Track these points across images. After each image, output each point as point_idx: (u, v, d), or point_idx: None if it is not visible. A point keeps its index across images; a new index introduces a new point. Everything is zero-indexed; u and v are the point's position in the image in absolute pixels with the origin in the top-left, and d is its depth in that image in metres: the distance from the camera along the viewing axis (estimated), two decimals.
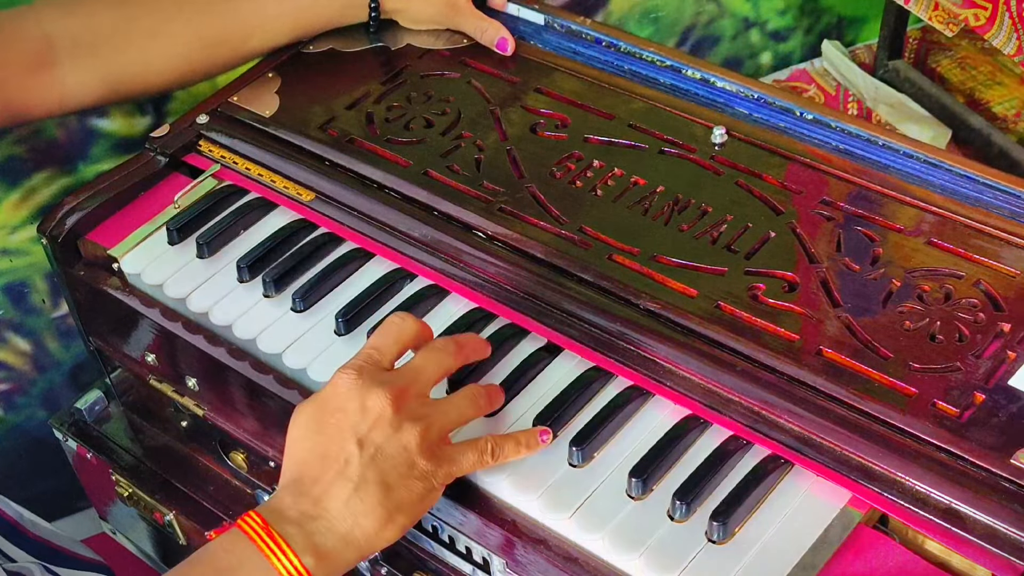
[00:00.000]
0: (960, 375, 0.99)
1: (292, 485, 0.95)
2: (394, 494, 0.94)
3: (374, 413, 0.94)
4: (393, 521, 0.94)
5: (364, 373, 0.96)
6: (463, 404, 0.99)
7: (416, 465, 0.94)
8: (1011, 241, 1.10)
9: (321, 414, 0.96)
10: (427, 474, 0.95)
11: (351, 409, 0.94)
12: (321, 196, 1.24)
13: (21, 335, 1.71)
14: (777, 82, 2.08)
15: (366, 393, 0.94)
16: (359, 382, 0.95)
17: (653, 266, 1.11)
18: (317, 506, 0.93)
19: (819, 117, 1.24)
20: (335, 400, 0.95)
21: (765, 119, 1.26)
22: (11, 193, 1.61)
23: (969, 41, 2.07)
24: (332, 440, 0.94)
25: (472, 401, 1.00)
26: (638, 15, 1.97)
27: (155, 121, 1.63)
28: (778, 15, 2.10)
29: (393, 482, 0.94)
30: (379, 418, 0.94)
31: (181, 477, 1.33)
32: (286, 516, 0.93)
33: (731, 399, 1.02)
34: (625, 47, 1.36)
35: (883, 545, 0.93)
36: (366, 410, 0.94)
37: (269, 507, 0.94)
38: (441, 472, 0.96)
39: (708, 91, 1.29)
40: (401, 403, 0.95)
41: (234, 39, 1.33)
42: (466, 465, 0.97)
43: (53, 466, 1.52)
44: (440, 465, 0.96)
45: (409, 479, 0.94)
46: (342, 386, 0.95)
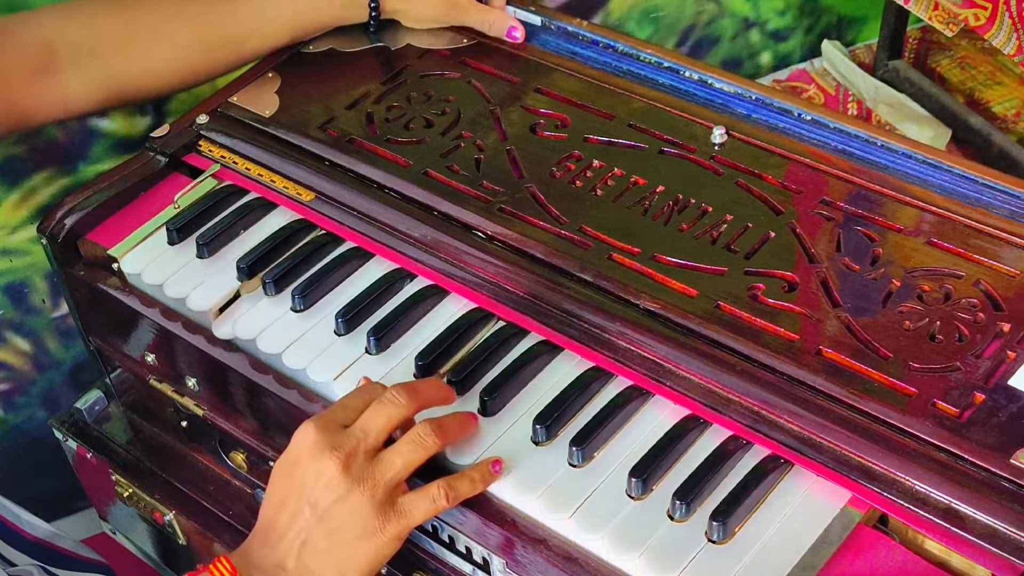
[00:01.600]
0: (960, 375, 0.99)
1: (261, 531, 1.01)
2: (341, 552, 0.98)
3: (324, 477, 0.98)
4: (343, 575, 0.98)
5: (322, 429, 0.99)
6: (407, 451, 0.99)
7: (364, 525, 0.97)
8: (1011, 241, 1.10)
9: (286, 466, 1.00)
10: (376, 531, 0.98)
11: (304, 468, 0.99)
12: (321, 196, 1.24)
13: (21, 335, 1.71)
14: (777, 82, 2.08)
15: (318, 456, 0.98)
16: (317, 439, 0.98)
17: (653, 266, 1.11)
18: (275, 556, 0.99)
19: (818, 118, 1.24)
20: (297, 453, 0.99)
21: (764, 119, 1.26)
22: (11, 193, 1.61)
23: (969, 41, 2.07)
24: (291, 496, 0.99)
25: (417, 444, 0.99)
26: (638, 15, 1.97)
27: (155, 121, 1.63)
28: (778, 15, 2.10)
29: (341, 541, 0.98)
30: (328, 482, 0.97)
31: (181, 477, 1.33)
32: (252, 561, 0.99)
33: (731, 399, 1.02)
34: (622, 48, 1.36)
35: (883, 545, 0.93)
36: (317, 474, 0.98)
37: (240, 553, 1.00)
38: (391, 528, 0.98)
39: (707, 92, 1.29)
40: (349, 466, 0.97)
41: (234, 41, 1.33)
42: (418, 516, 0.99)
43: (53, 466, 1.52)
44: (389, 521, 0.98)
45: (358, 539, 0.98)
46: (303, 441, 0.99)
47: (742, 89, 1.28)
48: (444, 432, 1.00)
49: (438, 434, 1.00)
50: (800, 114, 1.25)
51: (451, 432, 1.01)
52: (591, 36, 1.38)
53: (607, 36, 1.37)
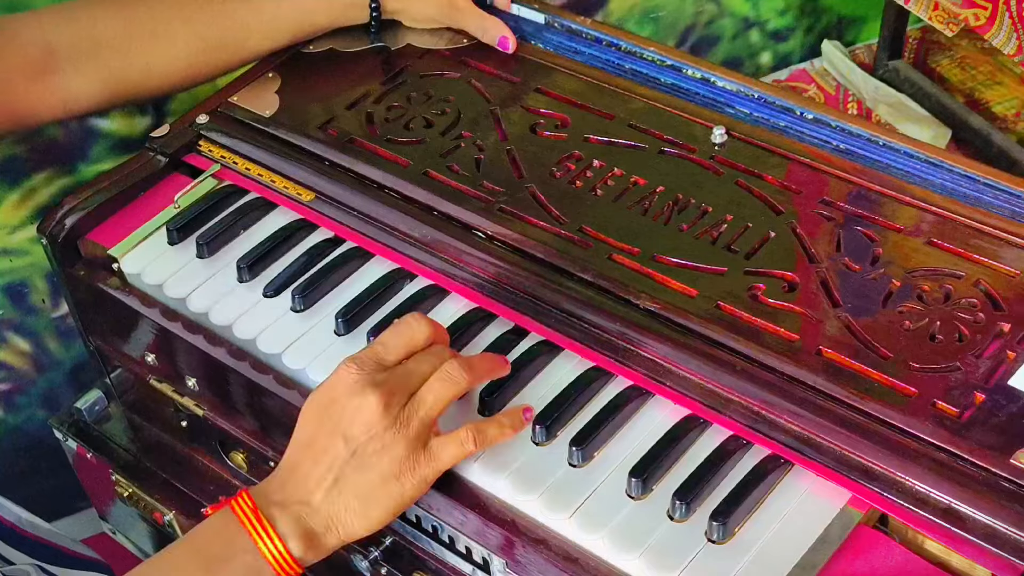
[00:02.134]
0: (960, 375, 0.99)
1: (286, 469, 1.00)
2: (371, 491, 0.98)
3: (363, 413, 0.97)
4: (368, 516, 0.98)
5: (365, 368, 0.99)
6: (437, 387, 0.99)
7: (396, 466, 0.98)
8: (1011, 241, 1.10)
9: (321, 404, 1.00)
10: (406, 472, 0.98)
11: (343, 405, 0.98)
12: (321, 196, 1.24)
13: (21, 335, 1.71)
14: (777, 82, 2.08)
15: (359, 392, 0.98)
16: (357, 378, 0.98)
17: (653, 266, 1.11)
18: (302, 492, 0.98)
19: (819, 117, 1.24)
20: (333, 391, 0.99)
21: (765, 119, 1.26)
22: (11, 193, 1.61)
23: (969, 41, 2.07)
24: (323, 432, 0.99)
25: (446, 380, 1.00)
26: (638, 15, 1.97)
27: (155, 121, 1.64)
28: (778, 15, 2.10)
29: (371, 480, 0.98)
30: (366, 419, 0.97)
31: (181, 477, 1.33)
32: (274, 499, 0.99)
33: (731, 399, 1.02)
34: (626, 46, 1.36)
35: (883, 545, 0.93)
36: (356, 408, 0.98)
37: (261, 489, 1.00)
38: (420, 470, 0.98)
39: (708, 90, 1.29)
40: (389, 404, 0.98)
41: (235, 41, 1.34)
42: (447, 459, 0.99)
43: (53, 466, 1.52)
44: (419, 462, 0.98)
45: (388, 479, 0.98)
46: (341, 379, 0.99)
47: (744, 87, 1.28)
48: (473, 370, 1.01)
49: (466, 371, 1.00)
50: (802, 113, 1.25)
51: (480, 371, 1.02)
52: (594, 34, 1.38)
53: (610, 34, 1.37)
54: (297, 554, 0.97)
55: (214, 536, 0.99)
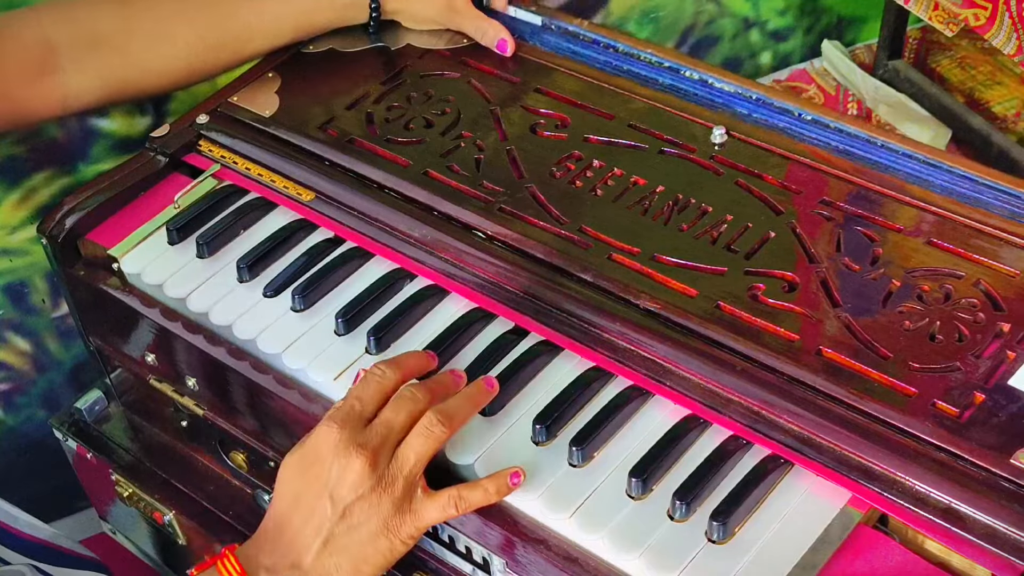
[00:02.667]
0: (960, 375, 0.99)
1: (273, 529, 1.00)
2: (361, 550, 0.99)
3: (350, 475, 0.98)
4: (360, 573, 0.99)
5: (346, 427, 0.99)
6: (417, 444, 0.99)
7: (385, 523, 0.98)
8: (1011, 241, 1.10)
9: (304, 464, 1.00)
10: (394, 531, 0.99)
11: (329, 465, 0.98)
12: (321, 196, 1.24)
13: (21, 335, 1.71)
14: (777, 82, 2.08)
15: (344, 453, 0.98)
16: (339, 437, 0.98)
17: (653, 266, 1.11)
18: (291, 555, 0.99)
19: (818, 118, 1.24)
20: (316, 452, 0.99)
21: (765, 119, 1.26)
22: (11, 193, 1.61)
23: (969, 41, 2.07)
24: (310, 492, 0.99)
25: (426, 436, 0.99)
26: (638, 15, 1.97)
27: (155, 121, 1.63)
28: (778, 15, 2.10)
29: (361, 539, 0.98)
30: (354, 481, 0.98)
31: (181, 477, 1.33)
32: (262, 563, 0.99)
33: (731, 399, 1.02)
34: (623, 48, 1.36)
35: (883, 545, 0.93)
36: (343, 469, 0.98)
37: (247, 552, 1.00)
38: (406, 527, 0.99)
39: (707, 92, 1.29)
40: (376, 463, 0.98)
41: (234, 40, 1.34)
42: (430, 520, 0.99)
43: (53, 466, 1.52)
44: (405, 520, 0.99)
45: (377, 537, 0.98)
46: (324, 439, 0.99)
47: (742, 89, 1.28)
48: (451, 419, 1.00)
49: (445, 423, 1.00)
50: (801, 114, 1.25)
51: (459, 417, 1.01)
52: (591, 36, 1.38)
53: (607, 36, 1.37)
54: None
55: None
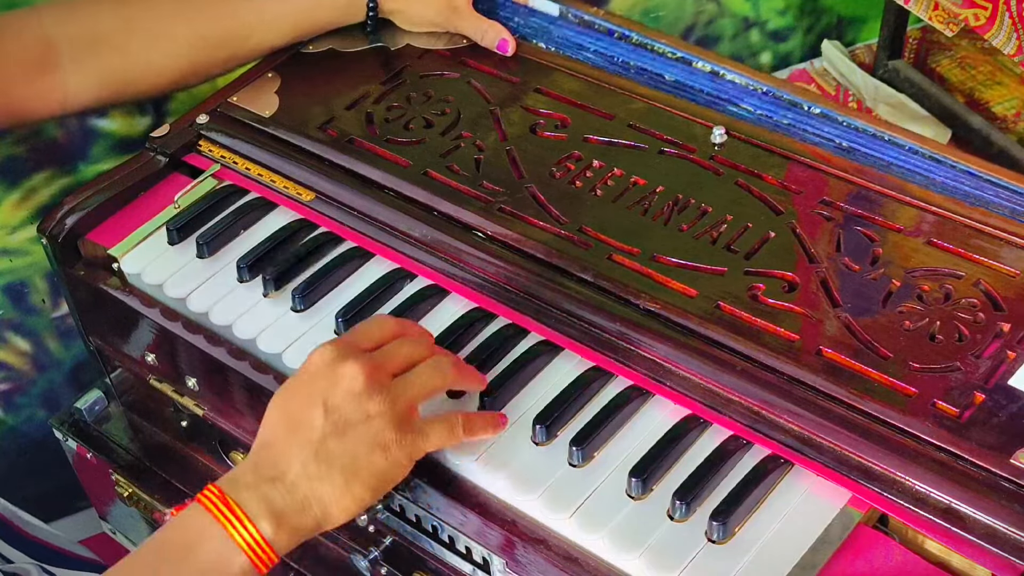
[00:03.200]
0: (960, 375, 0.99)
1: (256, 451, 0.96)
2: (355, 463, 0.93)
3: (344, 381, 0.94)
4: (351, 491, 0.94)
5: (340, 347, 0.97)
6: (426, 374, 0.99)
7: (381, 436, 0.94)
8: (1011, 241, 1.10)
9: (294, 385, 0.97)
10: (392, 445, 0.94)
11: (321, 376, 0.95)
12: (321, 196, 1.24)
13: (21, 335, 1.71)
14: None
15: (339, 363, 0.95)
16: (334, 354, 0.96)
17: (653, 266, 1.11)
18: (275, 468, 0.93)
19: (827, 112, 1.24)
20: (309, 371, 0.96)
21: (769, 115, 1.25)
22: (11, 193, 1.61)
23: (969, 41, 2.07)
24: (299, 405, 0.95)
25: (435, 370, 0.99)
26: (638, 15, 1.97)
27: (155, 121, 1.64)
28: (778, 15, 2.10)
29: (355, 451, 0.93)
30: (348, 387, 0.94)
31: (181, 477, 1.33)
32: (243, 482, 0.93)
33: (731, 399, 1.02)
34: (637, 38, 1.36)
35: (883, 545, 0.93)
36: (337, 377, 0.95)
37: (229, 476, 0.95)
38: (406, 444, 0.95)
39: (714, 86, 1.29)
40: (373, 375, 0.95)
41: (235, 40, 1.33)
42: (434, 438, 0.97)
43: (53, 466, 1.52)
44: (405, 437, 0.95)
45: (372, 450, 0.94)
46: (317, 358, 0.97)
47: (752, 81, 1.28)
48: (459, 369, 1.01)
49: (455, 368, 1.00)
50: (810, 107, 1.25)
51: (464, 373, 1.02)
52: (607, 25, 1.38)
53: (623, 25, 1.37)
54: (269, 535, 0.91)
55: (181, 529, 0.93)
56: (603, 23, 1.38)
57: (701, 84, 1.30)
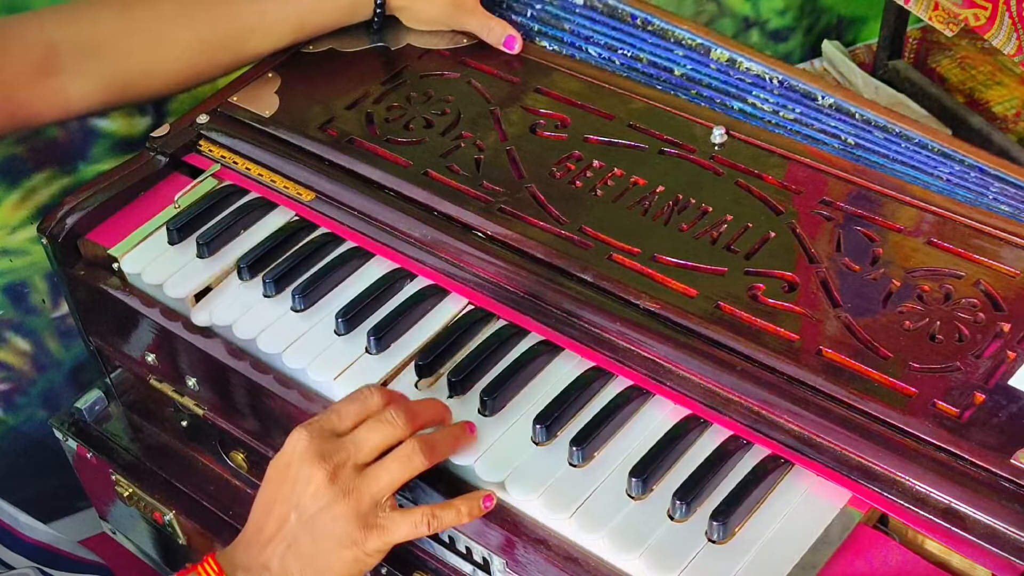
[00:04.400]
0: (960, 375, 0.99)
1: (251, 531, 1.03)
2: (325, 557, 0.99)
3: (311, 486, 0.99)
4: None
5: (315, 437, 1.00)
6: (394, 468, 0.99)
7: (346, 535, 0.98)
8: (1011, 241, 1.10)
9: (278, 470, 1.01)
10: (357, 542, 0.99)
11: (294, 474, 1.00)
12: (321, 196, 1.24)
13: (21, 335, 1.71)
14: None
15: (308, 462, 0.99)
16: (306, 445, 0.99)
17: (653, 266, 1.11)
18: (261, 557, 1.01)
19: (840, 102, 1.24)
20: (286, 458, 1.01)
21: (777, 109, 1.25)
22: (11, 193, 1.61)
23: (969, 41, 2.07)
24: (280, 499, 1.01)
25: (404, 463, 0.99)
26: None
27: (155, 121, 1.63)
28: (778, 15, 2.10)
29: (324, 547, 0.99)
30: (314, 492, 0.99)
31: (181, 477, 1.33)
32: (239, 564, 1.01)
33: (731, 399, 1.02)
34: (658, 24, 1.36)
35: (883, 545, 0.93)
36: (305, 480, 0.99)
37: (227, 554, 1.02)
38: (372, 542, 0.99)
39: (725, 79, 1.29)
40: (336, 476, 0.98)
41: (236, 42, 1.33)
42: (398, 535, 0.99)
43: (53, 466, 1.52)
44: (370, 534, 0.99)
45: (339, 547, 0.99)
46: (292, 446, 1.00)
47: (768, 69, 1.29)
48: (432, 451, 1.00)
49: (426, 454, 1.00)
50: (823, 96, 1.25)
51: (441, 451, 1.01)
52: (630, 10, 1.38)
53: (647, 11, 1.37)
54: None
55: None
56: (627, 8, 1.38)
57: (711, 77, 1.30)
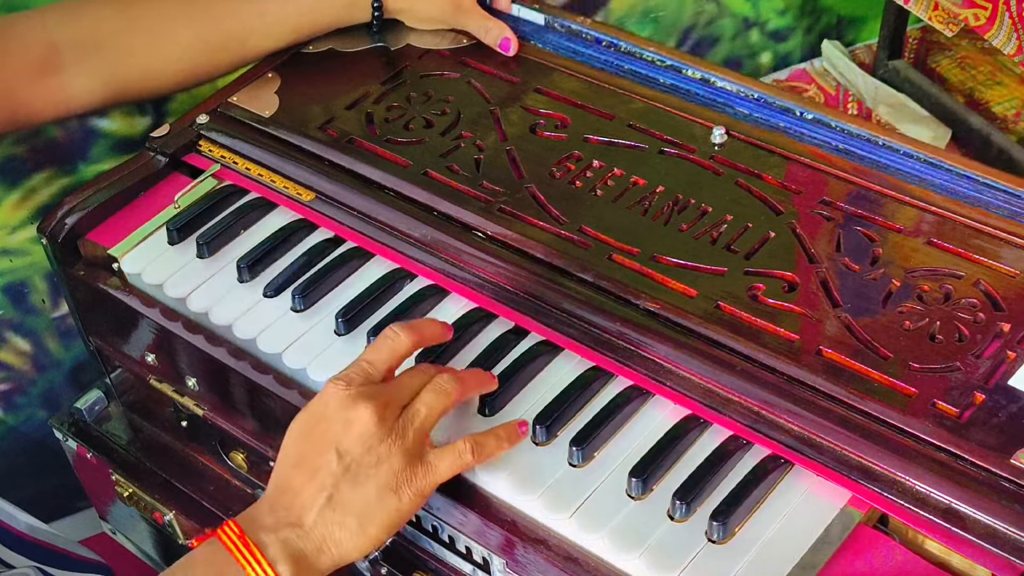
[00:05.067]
0: (960, 375, 0.99)
1: (273, 492, 0.97)
2: (368, 507, 0.95)
3: (356, 426, 0.95)
4: (365, 533, 0.95)
5: (353, 384, 0.97)
6: (431, 399, 0.98)
7: (393, 478, 0.95)
8: (1011, 241, 1.10)
9: (309, 424, 0.97)
10: (403, 485, 0.96)
11: (335, 420, 0.96)
12: (321, 196, 1.24)
13: (21, 335, 1.71)
14: (777, 82, 2.08)
15: (351, 405, 0.96)
16: (347, 393, 0.96)
17: (653, 266, 1.11)
18: (291, 513, 0.95)
19: (819, 117, 1.24)
20: (322, 410, 0.97)
21: (765, 119, 1.26)
22: (11, 193, 1.61)
23: (969, 41, 2.07)
24: (314, 449, 0.96)
25: (439, 393, 0.99)
26: (638, 15, 1.97)
27: (155, 121, 1.64)
28: (778, 15, 2.10)
29: (368, 495, 0.95)
30: (361, 431, 0.95)
31: (181, 477, 1.33)
32: (262, 524, 0.95)
33: (731, 399, 1.02)
34: (625, 47, 1.36)
35: (883, 545, 0.93)
36: (349, 422, 0.95)
37: (247, 515, 0.96)
38: (417, 482, 0.96)
39: (708, 91, 1.29)
40: (384, 418, 0.96)
41: (236, 41, 1.34)
42: (444, 470, 0.97)
43: (53, 466, 1.52)
44: (416, 474, 0.96)
45: (385, 493, 0.95)
46: (330, 396, 0.97)
47: (744, 88, 1.28)
48: (463, 383, 1.00)
49: (457, 383, 1.00)
50: (802, 113, 1.25)
51: (469, 384, 1.02)
52: (593, 34, 1.38)
53: (610, 34, 1.37)
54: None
55: (200, 568, 0.95)
56: (590, 32, 1.38)
57: (696, 89, 1.30)
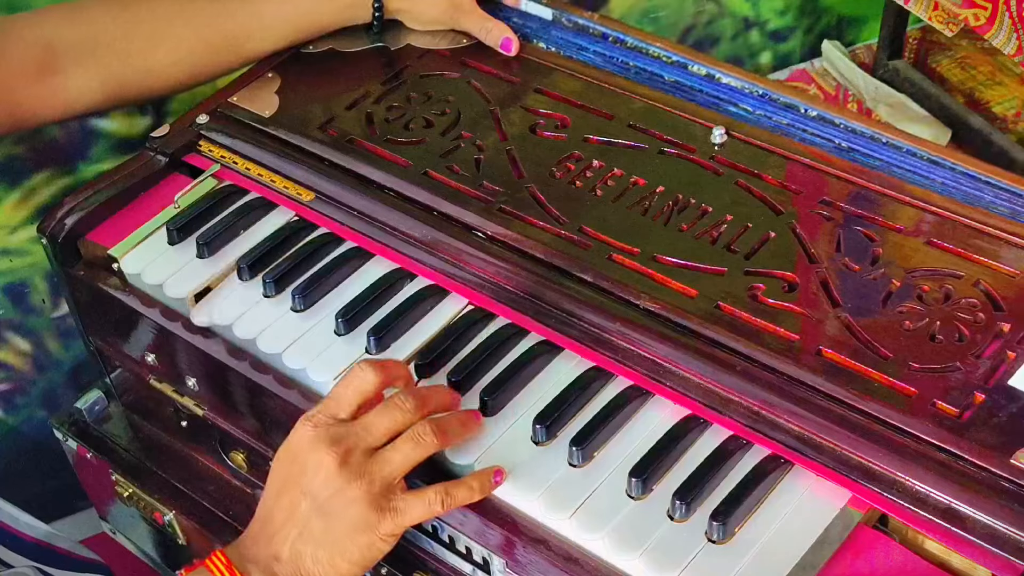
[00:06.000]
0: (960, 375, 0.99)
1: (256, 524, 1.02)
2: (337, 542, 0.98)
3: (321, 472, 0.98)
4: (336, 568, 0.99)
5: (319, 425, 1.00)
6: (407, 449, 0.99)
7: (360, 519, 0.98)
8: (1011, 241, 1.10)
9: (286, 460, 1.01)
10: (372, 526, 0.98)
11: (303, 462, 0.99)
12: (321, 196, 1.24)
13: (21, 335, 1.71)
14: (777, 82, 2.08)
15: (315, 448, 0.99)
16: (313, 434, 0.99)
17: (653, 266, 1.11)
18: (271, 547, 1.00)
19: (823, 114, 1.24)
20: (295, 448, 1.00)
21: (767, 116, 1.25)
22: (11, 193, 1.61)
23: (969, 41, 2.07)
24: (288, 489, 1.00)
25: (417, 443, 0.99)
26: (638, 15, 1.97)
27: (155, 121, 1.64)
28: (778, 15, 2.10)
29: (337, 531, 0.98)
30: (325, 477, 0.98)
31: (181, 477, 1.33)
32: (248, 556, 1.00)
33: (731, 399, 1.02)
34: (631, 42, 1.36)
35: (883, 545, 0.93)
36: (315, 466, 0.98)
37: (235, 547, 1.02)
38: (386, 524, 0.98)
39: (712, 87, 1.29)
40: (347, 461, 0.98)
41: (235, 42, 1.34)
42: (413, 516, 0.99)
43: (53, 466, 1.52)
44: (384, 517, 0.98)
45: (353, 531, 0.98)
46: (300, 436, 1.00)
47: (749, 84, 1.28)
48: (444, 433, 1.00)
49: (438, 435, 1.00)
50: (806, 109, 1.25)
51: (451, 434, 1.01)
52: (600, 29, 1.38)
53: (617, 29, 1.37)
54: None
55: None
56: (597, 27, 1.38)
57: (699, 85, 1.30)
